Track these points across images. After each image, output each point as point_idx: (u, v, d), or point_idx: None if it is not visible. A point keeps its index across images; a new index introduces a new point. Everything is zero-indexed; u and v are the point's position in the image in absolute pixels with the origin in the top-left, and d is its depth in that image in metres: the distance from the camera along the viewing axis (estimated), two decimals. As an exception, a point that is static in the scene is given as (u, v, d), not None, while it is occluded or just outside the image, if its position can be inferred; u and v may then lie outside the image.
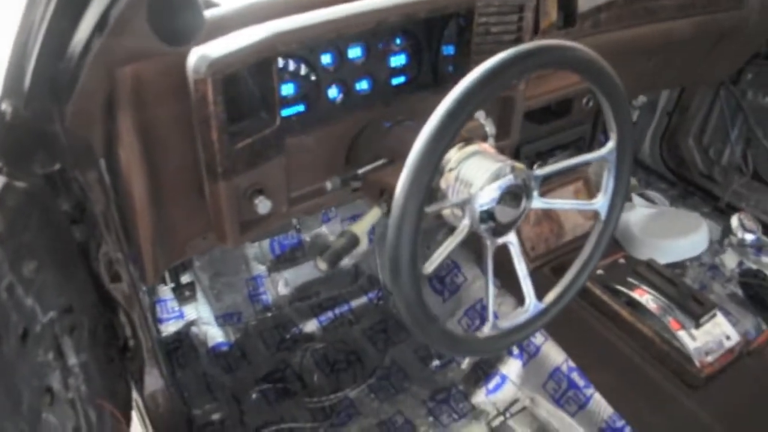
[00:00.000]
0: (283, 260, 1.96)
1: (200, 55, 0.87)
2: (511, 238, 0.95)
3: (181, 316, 1.80)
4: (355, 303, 1.96)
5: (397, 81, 1.22)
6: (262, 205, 1.02)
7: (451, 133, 0.78)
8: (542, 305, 1.01)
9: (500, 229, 0.92)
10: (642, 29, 1.54)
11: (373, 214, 0.99)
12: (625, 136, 0.97)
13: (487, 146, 0.97)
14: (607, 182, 1.03)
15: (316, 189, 1.14)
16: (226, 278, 1.88)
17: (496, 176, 0.89)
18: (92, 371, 1.06)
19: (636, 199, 2.13)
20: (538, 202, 0.96)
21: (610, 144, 0.99)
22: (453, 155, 0.94)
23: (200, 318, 1.82)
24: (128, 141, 0.92)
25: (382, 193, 1.00)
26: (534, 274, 0.99)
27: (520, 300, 1.02)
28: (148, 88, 0.91)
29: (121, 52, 0.80)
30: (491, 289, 0.95)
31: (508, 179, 0.89)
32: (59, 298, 0.96)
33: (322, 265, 0.92)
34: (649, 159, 2.37)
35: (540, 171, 0.94)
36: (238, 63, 0.90)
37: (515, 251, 0.96)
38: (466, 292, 1.78)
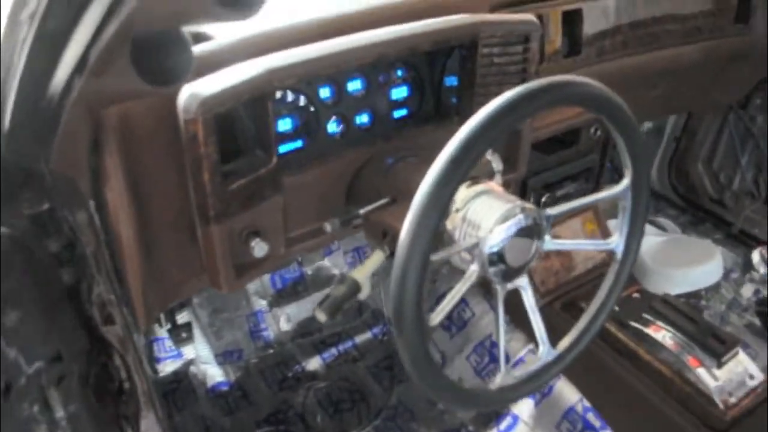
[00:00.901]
0: (284, 295, 1.91)
1: (190, 93, 0.83)
2: (522, 282, 0.90)
3: (179, 355, 1.74)
4: (360, 339, 1.90)
5: (398, 114, 1.18)
6: (259, 247, 0.97)
7: (459, 177, 0.73)
8: (556, 352, 0.95)
9: (511, 273, 0.87)
10: (647, 56, 1.50)
11: (376, 259, 0.94)
12: (641, 173, 0.92)
13: (495, 185, 0.92)
14: (622, 221, 0.98)
15: (315, 229, 1.09)
16: (225, 314, 1.83)
17: (506, 217, 0.84)
18: (83, 422, 1.02)
19: (646, 227, 2.07)
20: (550, 244, 0.90)
21: (625, 181, 0.94)
22: (460, 195, 0.89)
23: (199, 357, 1.76)
24: (116, 183, 0.87)
25: (385, 236, 0.95)
26: (544, 310, 0.93)
27: (530, 335, 0.97)
28: (136, 129, 0.87)
29: (105, 92, 0.76)
30: (503, 337, 0.89)
31: (518, 220, 0.84)
32: (45, 347, 0.91)
33: (321, 317, 0.87)
34: (657, 185, 2.32)
35: (551, 211, 0.89)
36: (231, 101, 0.86)
37: (528, 297, 0.91)
38: (474, 328, 1.71)
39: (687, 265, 1.81)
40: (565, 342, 0.97)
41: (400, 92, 1.17)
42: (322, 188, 1.07)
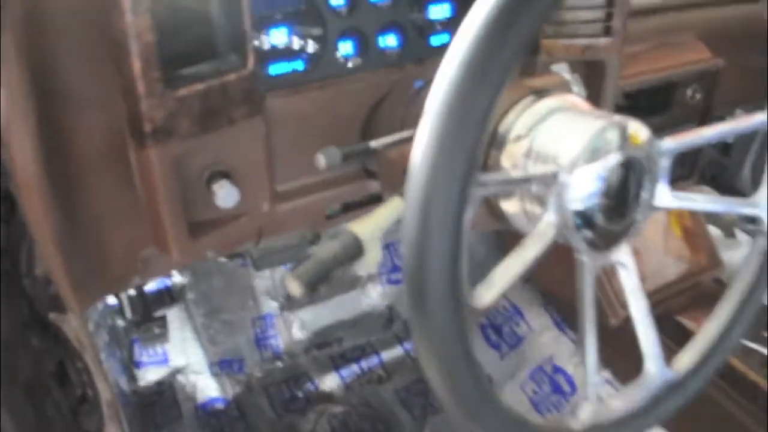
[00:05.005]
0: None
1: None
2: (623, 258, 0.57)
3: (165, 361, 1.50)
4: (388, 355, 1.63)
5: (437, 41, 0.87)
6: (224, 193, 0.66)
7: (511, 49, 0.41)
8: (672, 373, 0.60)
9: (608, 238, 0.54)
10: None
11: (392, 208, 0.62)
12: None
13: (577, 98, 0.60)
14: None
15: (317, 182, 0.80)
16: (226, 315, 1.57)
17: (597, 145, 0.51)
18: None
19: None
20: (666, 197, 0.57)
21: None
22: (521, 115, 0.58)
23: (189, 365, 1.52)
24: (11, 78, 0.59)
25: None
26: (625, 328, 0.60)
27: (604, 359, 0.61)
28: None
29: None
30: (592, 347, 0.55)
31: (617, 154, 0.51)
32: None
33: (294, 288, 0.54)
34: None
35: (670, 142, 0.56)
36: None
37: (630, 281, 0.57)
38: (531, 347, 1.42)
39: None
40: (683, 360, 0.62)
41: (440, 11, 0.87)
42: (328, 123, 0.78)
